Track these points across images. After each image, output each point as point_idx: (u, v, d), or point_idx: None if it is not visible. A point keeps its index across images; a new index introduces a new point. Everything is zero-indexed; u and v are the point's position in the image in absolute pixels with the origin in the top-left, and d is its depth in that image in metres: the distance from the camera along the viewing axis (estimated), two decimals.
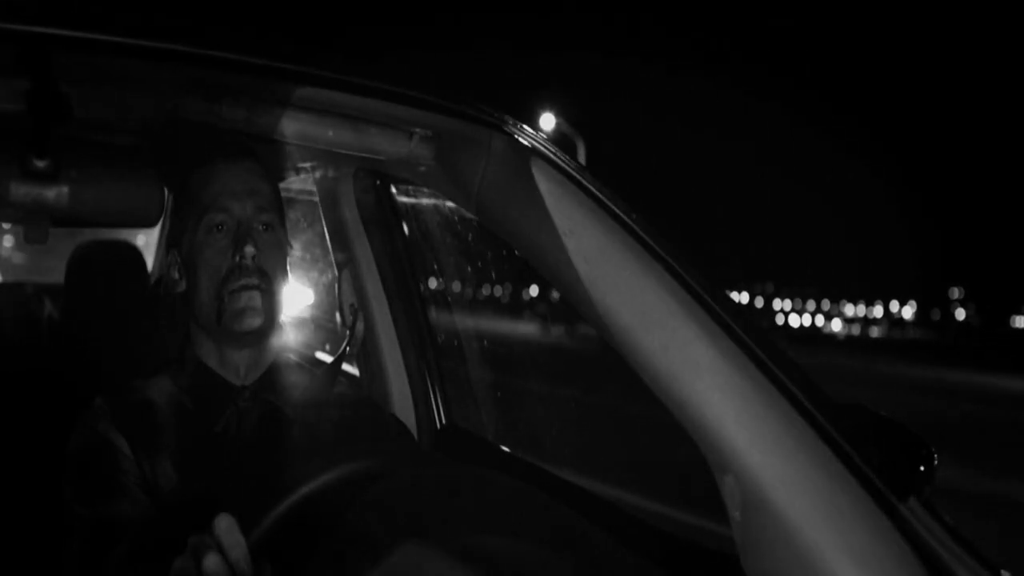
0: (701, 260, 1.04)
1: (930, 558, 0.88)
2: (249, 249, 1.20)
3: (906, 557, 0.88)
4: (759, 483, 0.92)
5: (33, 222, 1.36)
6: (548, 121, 18.83)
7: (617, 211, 1.07)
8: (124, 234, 2.35)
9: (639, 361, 1.02)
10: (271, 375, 1.28)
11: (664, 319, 1.01)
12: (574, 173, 1.11)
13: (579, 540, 0.92)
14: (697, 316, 1.00)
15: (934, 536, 0.90)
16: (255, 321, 1.21)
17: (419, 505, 0.87)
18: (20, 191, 1.41)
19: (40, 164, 1.04)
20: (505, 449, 1.68)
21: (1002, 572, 0.91)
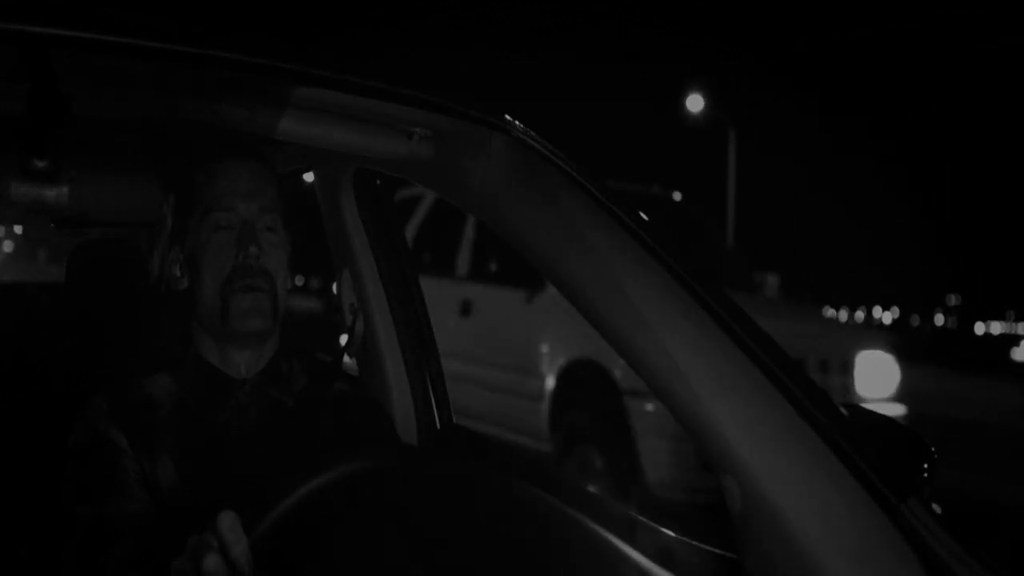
0: (700, 260, 1.04)
1: (930, 558, 0.88)
2: (253, 249, 1.21)
3: (906, 557, 0.88)
4: (759, 483, 0.92)
5: (33, 222, 1.37)
6: (696, 103, 16.85)
7: (617, 211, 1.07)
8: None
9: (638, 360, 1.03)
10: (271, 369, 1.29)
11: (664, 318, 1.01)
12: (574, 173, 1.11)
13: (579, 539, 0.92)
14: (697, 315, 1.00)
15: (934, 536, 0.90)
16: (259, 322, 1.22)
17: (418, 505, 0.87)
18: (20, 191, 1.41)
19: (40, 164, 1.04)
20: (505, 449, 1.68)
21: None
